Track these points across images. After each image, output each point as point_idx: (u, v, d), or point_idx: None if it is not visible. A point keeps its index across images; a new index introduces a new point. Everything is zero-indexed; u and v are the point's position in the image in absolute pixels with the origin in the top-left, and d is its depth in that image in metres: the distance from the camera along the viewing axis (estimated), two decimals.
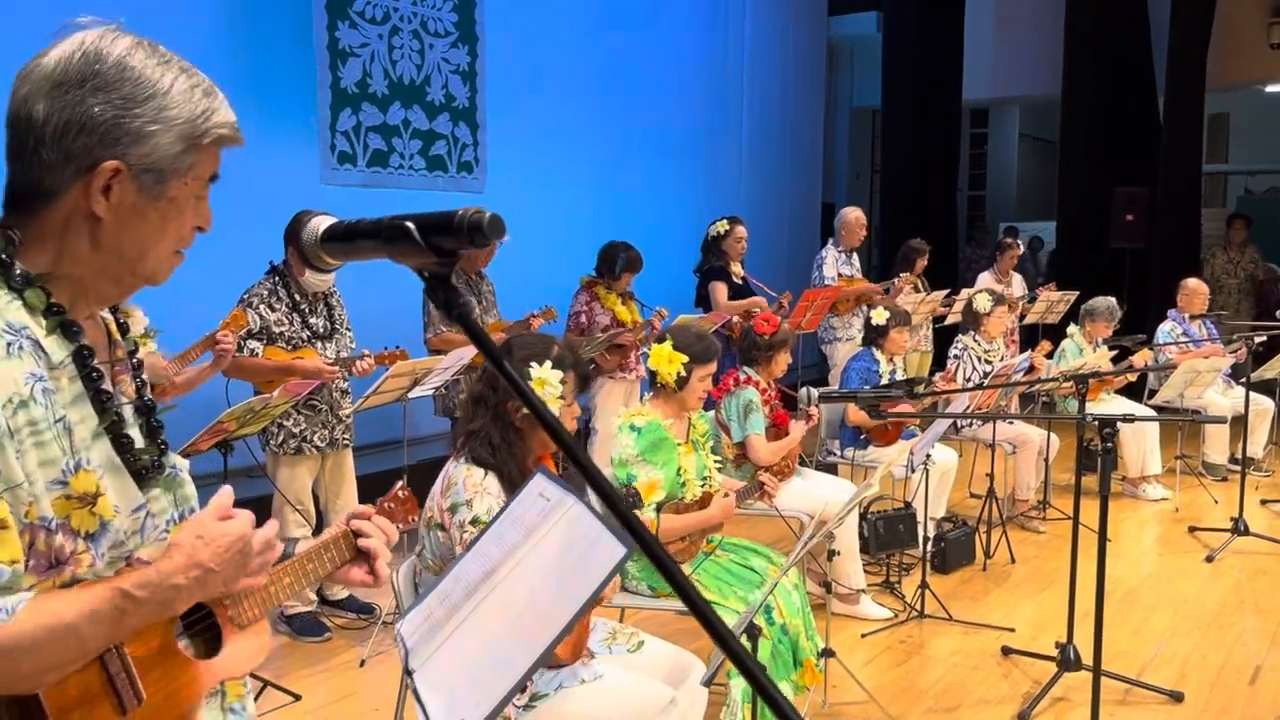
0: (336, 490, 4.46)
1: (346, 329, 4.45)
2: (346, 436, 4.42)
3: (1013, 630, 4.36)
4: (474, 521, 2.37)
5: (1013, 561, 5.29)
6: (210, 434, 3.51)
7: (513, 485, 2.45)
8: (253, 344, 4.10)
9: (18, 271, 1.20)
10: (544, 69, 7.46)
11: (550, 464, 2.64)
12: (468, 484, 2.43)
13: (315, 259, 1.08)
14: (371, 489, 4.67)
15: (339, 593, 4.49)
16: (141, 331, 3.68)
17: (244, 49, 5.63)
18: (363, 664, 3.99)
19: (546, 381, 2.51)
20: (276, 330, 4.16)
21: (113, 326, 1.36)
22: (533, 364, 2.53)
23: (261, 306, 4.15)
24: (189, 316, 4.02)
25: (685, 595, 0.88)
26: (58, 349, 1.20)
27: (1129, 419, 3.19)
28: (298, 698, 3.65)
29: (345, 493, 4.47)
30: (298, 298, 4.24)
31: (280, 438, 4.21)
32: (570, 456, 0.93)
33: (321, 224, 1.08)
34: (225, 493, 1.32)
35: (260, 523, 1.35)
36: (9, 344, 1.15)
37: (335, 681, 3.89)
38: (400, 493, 1.76)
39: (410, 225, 0.97)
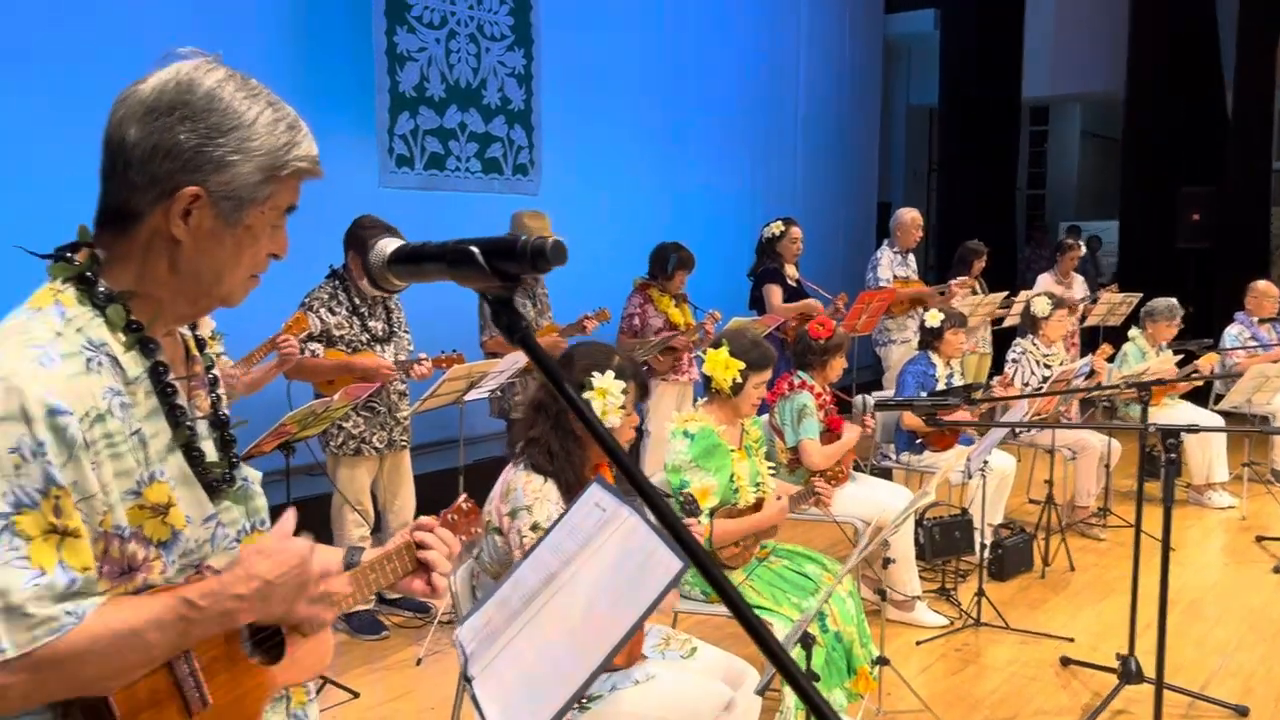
0: (394, 491, 4.53)
1: (405, 332, 4.51)
2: (404, 438, 4.48)
3: (1072, 640, 4.29)
4: (534, 528, 2.39)
5: (1072, 569, 5.21)
6: (273, 436, 3.59)
7: (570, 493, 2.48)
8: (314, 346, 4.18)
9: (101, 289, 1.25)
10: (599, 71, 7.49)
11: (607, 473, 2.66)
12: (527, 490, 2.45)
13: (383, 280, 1.10)
14: (428, 489, 4.76)
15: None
16: (209, 334, 3.78)
17: (304, 55, 5.73)
18: (419, 663, 4.05)
19: (609, 391, 2.53)
20: (337, 333, 4.23)
21: (191, 343, 1.40)
22: (594, 374, 2.55)
23: (322, 310, 4.23)
24: (252, 319, 4.08)
25: (737, 609, 0.89)
26: (134, 365, 1.25)
27: (1193, 429, 3.12)
28: (356, 695, 3.72)
29: (403, 493, 4.54)
30: (357, 301, 4.31)
31: (340, 439, 4.28)
32: (627, 476, 0.94)
33: (388, 246, 1.10)
34: (289, 516, 1.36)
35: (326, 521, 1.39)
36: (89, 360, 1.20)
37: (392, 680, 3.95)
38: (463, 504, 1.78)
39: (475, 250, 0.99)
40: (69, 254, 1.27)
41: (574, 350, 2.69)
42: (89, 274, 1.25)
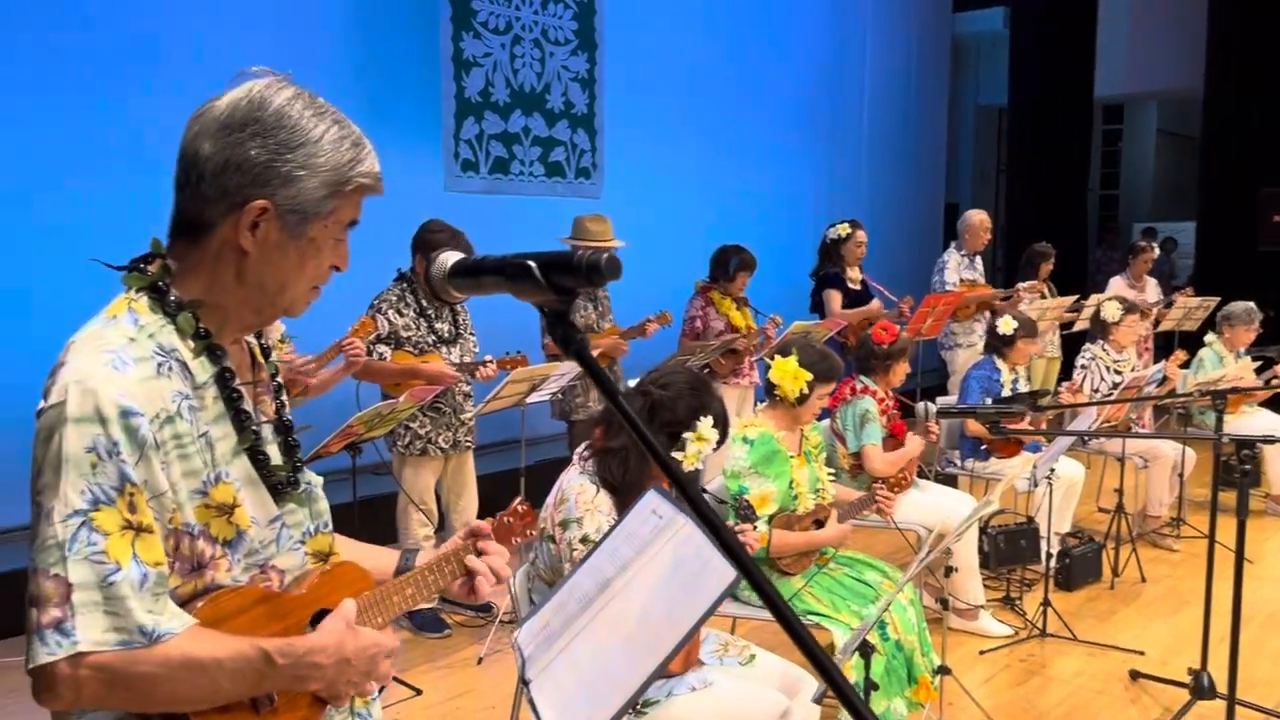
0: (458, 491, 4.59)
1: (470, 334, 4.57)
2: (469, 439, 4.54)
3: (1142, 653, 4.20)
4: (583, 540, 2.41)
5: (1143, 580, 5.09)
6: (340, 437, 3.66)
7: (626, 506, 2.49)
8: (381, 348, 4.25)
9: (172, 298, 1.30)
10: (662, 73, 7.51)
11: (665, 481, 2.67)
12: (580, 501, 2.47)
13: (443, 292, 1.13)
14: (490, 489, 4.81)
15: None
16: (278, 338, 3.87)
17: (372, 62, 5.85)
18: (480, 661, 4.10)
19: (706, 440, 2.55)
20: (404, 335, 4.30)
21: (256, 351, 1.45)
22: (702, 417, 2.57)
23: (390, 312, 4.31)
24: (322, 322, 4.19)
25: (783, 617, 0.90)
26: (202, 370, 1.31)
27: (1270, 440, 3.04)
28: (418, 692, 3.78)
29: (466, 494, 4.60)
30: (424, 303, 4.38)
31: (406, 439, 4.36)
32: (682, 493, 0.95)
33: (449, 259, 1.12)
34: (350, 606, 1.39)
35: (391, 520, 1.43)
36: (159, 364, 1.25)
37: (454, 678, 4.01)
38: (519, 507, 1.81)
39: (532, 264, 1.01)
40: (142, 265, 1.33)
41: (695, 382, 2.67)
42: (161, 284, 1.30)
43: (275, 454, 1.40)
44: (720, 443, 2.64)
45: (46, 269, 4.48)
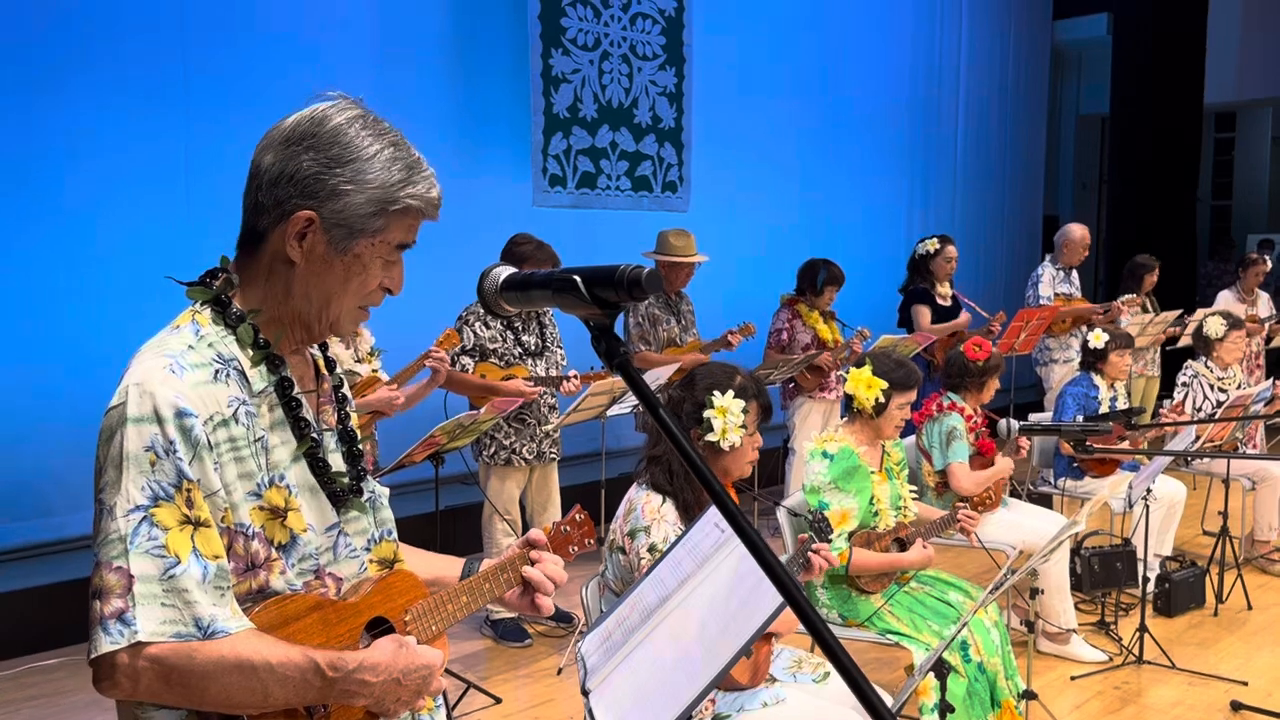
0: (543, 503, 4.64)
1: (557, 346, 4.63)
2: (554, 451, 4.59)
3: (1245, 684, 4.01)
4: (651, 549, 2.42)
5: (1249, 608, 4.86)
6: (424, 446, 3.75)
7: (689, 512, 2.49)
8: (465, 360, 4.33)
9: (234, 310, 1.36)
10: (750, 86, 7.50)
11: (732, 492, 2.66)
12: (646, 510, 2.49)
13: (495, 305, 1.16)
14: (575, 500, 4.83)
15: None
16: (368, 350, 3.98)
17: (464, 80, 5.99)
18: (560, 672, 4.14)
19: (728, 410, 2.53)
20: (490, 347, 4.38)
21: (320, 362, 1.50)
22: (715, 392, 2.57)
23: (477, 324, 4.39)
24: (412, 334, 4.31)
25: (830, 650, 0.89)
26: (260, 379, 1.36)
27: None
28: (498, 700, 3.83)
29: (551, 505, 4.65)
30: (511, 316, 4.45)
31: (492, 449, 4.43)
32: (721, 507, 0.95)
33: (501, 274, 1.15)
34: (411, 641, 1.42)
35: (476, 529, 1.46)
36: (217, 371, 1.32)
37: (534, 688, 4.05)
38: (577, 516, 1.83)
39: (577, 279, 1.04)
40: (209, 279, 1.39)
41: (697, 370, 2.71)
42: (224, 296, 1.36)
43: (338, 462, 1.44)
44: (764, 420, 2.61)
45: (120, 279, 4.67)
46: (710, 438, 2.55)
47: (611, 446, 5.35)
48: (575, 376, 4.42)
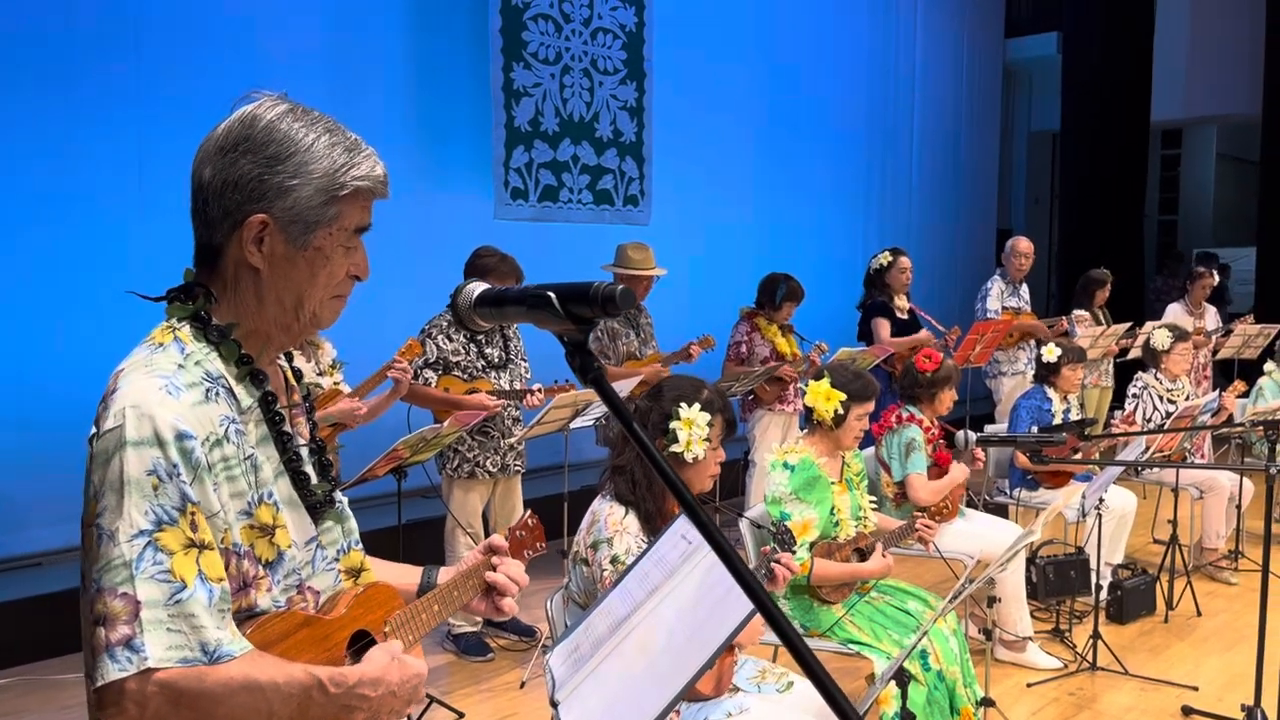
0: (506, 516, 4.63)
1: (521, 359, 4.63)
2: (518, 464, 4.59)
3: (1196, 689, 4.10)
4: (613, 561, 2.44)
5: (1198, 614, 4.97)
6: (386, 460, 3.73)
7: (650, 522, 2.51)
8: (428, 373, 4.32)
9: (215, 326, 1.35)
10: (710, 102, 7.57)
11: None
12: (609, 523, 2.50)
13: (469, 320, 1.17)
14: (537, 514, 4.85)
15: None
16: (330, 363, 3.95)
17: (425, 92, 5.99)
18: (523, 685, 4.13)
19: (694, 422, 2.56)
20: (454, 360, 4.37)
21: (288, 373, 1.50)
22: (682, 404, 2.59)
23: (440, 337, 4.38)
24: (375, 347, 4.30)
25: (792, 646, 0.92)
26: (246, 395, 1.35)
27: None
28: (461, 715, 3.81)
29: (514, 519, 4.61)
30: (475, 329, 4.45)
31: (455, 462, 4.42)
32: (693, 518, 0.98)
33: (476, 290, 1.17)
34: (397, 645, 1.44)
35: (439, 543, 1.46)
36: (207, 390, 1.30)
37: (496, 701, 4.04)
38: (529, 520, 1.86)
39: (551, 295, 1.05)
40: (181, 295, 1.37)
41: (665, 382, 2.74)
42: (204, 313, 1.35)
43: (312, 474, 1.45)
44: (727, 435, 2.65)
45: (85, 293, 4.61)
46: (675, 449, 2.58)
47: (574, 460, 5.35)
48: (539, 390, 4.43)
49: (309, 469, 1.44)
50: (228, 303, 1.37)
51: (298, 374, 1.51)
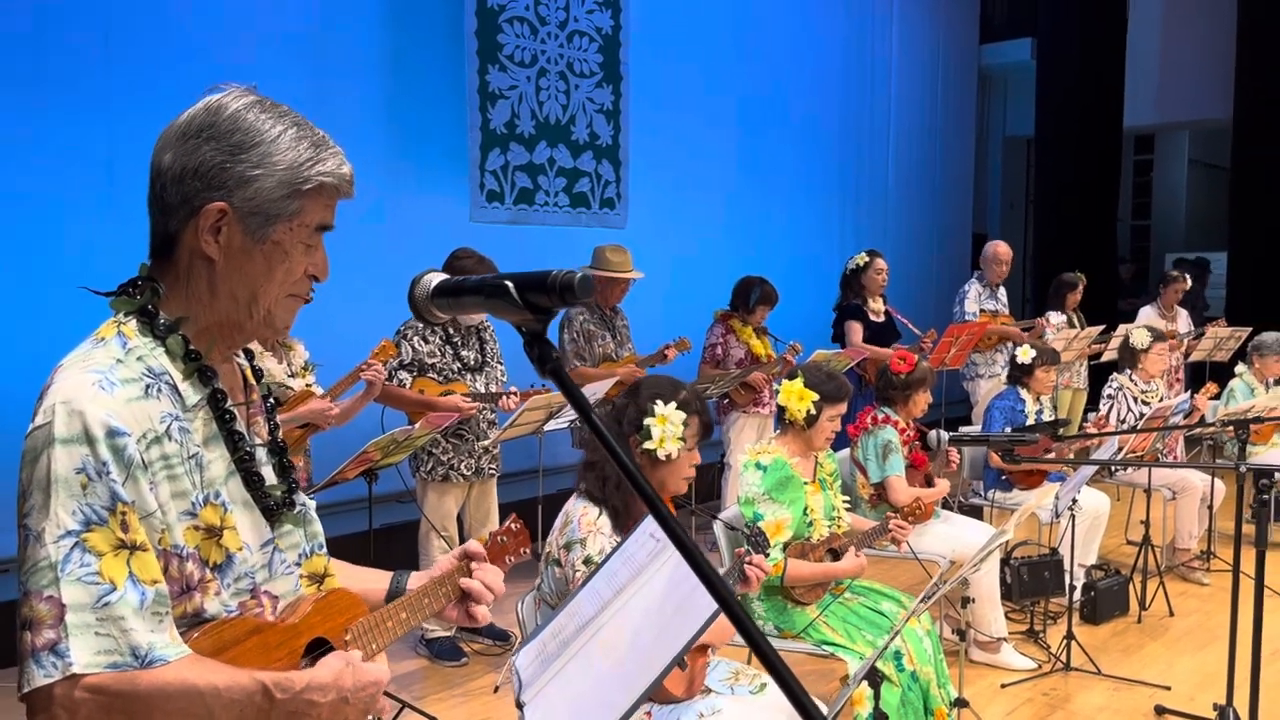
0: (481, 519, 4.60)
1: (498, 362, 4.60)
2: (492, 467, 4.55)
3: (1168, 689, 4.12)
4: (586, 561, 2.42)
5: (1171, 614, 5.00)
6: (356, 463, 3.69)
7: (619, 520, 2.50)
8: (402, 374, 4.29)
9: (161, 321, 1.31)
10: (686, 105, 7.57)
11: (669, 503, 2.67)
12: (582, 523, 2.48)
13: (426, 312, 1.15)
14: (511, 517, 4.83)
15: None
16: (302, 365, 3.91)
17: (401, 95, 5.95)
18: (496, 690, 4.10)
19: (668, 419, 2.55)
20: (429, 362, 4.33)
21: (248, 372, 1.46)
22: (658, 402, 2.58)
23: (415, 338, 4.34)
24: (348, 349, 4.25)
25: (759, 649, 0.90)
26: (193, 392, 1.31)
27: None
28: None
29: (489, 522, 4.60)
30: (451, 331, 4.42)
31: (429, 465, 4.38)
32: (654, 513, 0.96)
33: (433, 280, 1.15)
34: (358, 656, 1.39)
35: (413, 546, 1.42)
36: (148, 386, 1.26)
37: (470, 706, 4.00)
38: (513, 525, 1.82)
39: (509, 284, 1.04)
40: (131, 289, 1.33)
41: (643, 380, 2.73)
42: (150, 307, 1.31)
43: (270, 475, 1.40)
44: (703, 437, 2.64)
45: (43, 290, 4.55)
46: (648, 445, 2.56)
47: (549, 463, 5.33)
48: (515, 393, 4.40)
49: (266, 470, 1.39)
50: (179, 296, 1.32)
51: (258, 373, 1.47)
